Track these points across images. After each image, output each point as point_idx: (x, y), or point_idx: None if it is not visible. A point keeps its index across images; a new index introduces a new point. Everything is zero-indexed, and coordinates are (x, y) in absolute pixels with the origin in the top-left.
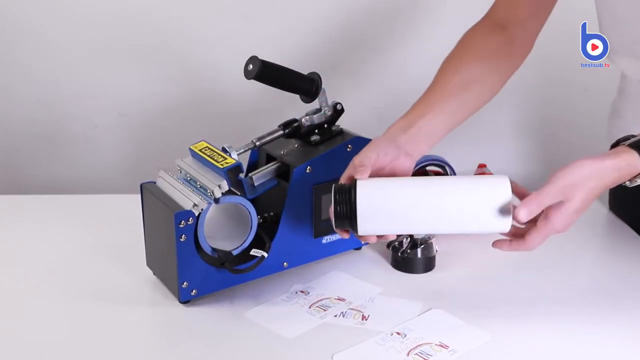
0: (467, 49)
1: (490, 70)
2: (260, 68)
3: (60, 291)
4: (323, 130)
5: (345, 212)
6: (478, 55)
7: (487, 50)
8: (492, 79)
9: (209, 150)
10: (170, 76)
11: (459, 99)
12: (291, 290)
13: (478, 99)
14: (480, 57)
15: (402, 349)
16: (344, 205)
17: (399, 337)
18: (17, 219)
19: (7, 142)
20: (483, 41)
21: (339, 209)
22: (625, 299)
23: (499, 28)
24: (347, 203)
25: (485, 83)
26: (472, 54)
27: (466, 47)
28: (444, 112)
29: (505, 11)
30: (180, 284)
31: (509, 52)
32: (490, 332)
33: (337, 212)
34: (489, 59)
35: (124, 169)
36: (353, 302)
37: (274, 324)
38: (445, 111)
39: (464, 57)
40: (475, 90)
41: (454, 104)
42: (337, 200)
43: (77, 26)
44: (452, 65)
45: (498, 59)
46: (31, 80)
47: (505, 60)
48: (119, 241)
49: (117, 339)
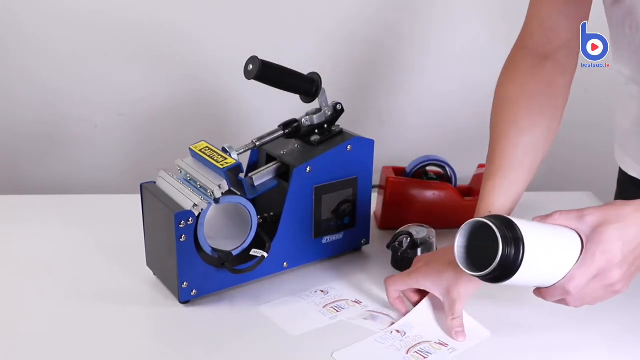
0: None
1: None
2: (260, 68)
3: (60, 291)
4: (323, 130)
5: (510, 256)
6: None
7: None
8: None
9: (209, 150)
10: (170, 76)
11: (527, 170)
12: (312, 288)
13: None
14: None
15: (402, 347)
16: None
17: (398, 335)
18: (17, 219)
19: (7, 142)
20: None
21: (508, 251)
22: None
23: (542, 59)
24: (512, 245)
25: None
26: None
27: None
28: (518, 188)
29: (545, 39)
30: (180, 284)
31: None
32: (490, 331)
33: (503, 257)
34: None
35: (124, 169)
36: (369, 306)
37: (282, 320)
38: (518, 187)
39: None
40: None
41: (523, 175)
42: (504, 238)
43: (77, 27)
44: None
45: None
46: (31, 80)
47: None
48: (119, 241)
49: (117, 339)
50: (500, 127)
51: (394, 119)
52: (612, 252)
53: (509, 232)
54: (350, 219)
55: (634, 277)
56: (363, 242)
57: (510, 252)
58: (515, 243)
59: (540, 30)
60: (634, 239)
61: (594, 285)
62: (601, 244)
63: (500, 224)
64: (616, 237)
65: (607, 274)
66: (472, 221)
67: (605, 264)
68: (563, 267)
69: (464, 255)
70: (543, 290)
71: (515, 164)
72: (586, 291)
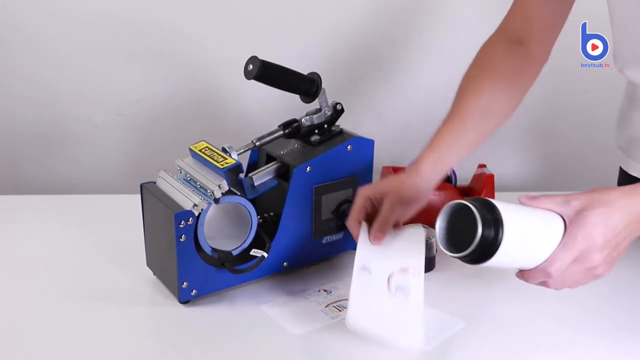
0: (486, 72)
1: (508, 97)
2: (260, 68)
3: (60, 291)
4: (323, 130)
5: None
6: (497, 80)
7: (506, 74)
8: (509, 105)
9: (209, 151)
10: (170, 76)
11: (479, 130)
12: (312, 288)
13: (494, 128)
14: (499, 83)
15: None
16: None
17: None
18: (17, 219)
19: (7, 142)
20: (502, 62)
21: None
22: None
23: (516, 43)
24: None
25: (502, 112)
26: (491, 80)
27: (485, 69)
28: (466, 143)
29: (520, 27)
30: (180, 284)
31: (528, 70)
32: (490, 331)
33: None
34: (508, 83)
35: (124, 169)
36: None
37: (284, 319)
38: (467, 142)
39: (484, 83)
40: (492, 121)
41: (474, 134)
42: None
43: (77, 27)
44: (472, 91)
45: (516, 80)
46: (31, 80)
47: (523, 80)
48: (119, 241)
49: (117, 339)
50: (462, 90)
51: (394, 119)
52: (594, 236)
53: (488, 214)
54: None
55: (616, 262)
56: None
57: (490, 233)
58: (495, 224)
59: (520, 17)
60: (617, 224)
61: (575, 269)
62: (583, 227)
63: (480, 206)
64: (599, 222)
65: (588, 257)
66: (452, 203)
67: (587, 248)
68: (544, 249)
69: (444, 237)
70: (525, 272)
71: (467, 119)
72: (567, 274)
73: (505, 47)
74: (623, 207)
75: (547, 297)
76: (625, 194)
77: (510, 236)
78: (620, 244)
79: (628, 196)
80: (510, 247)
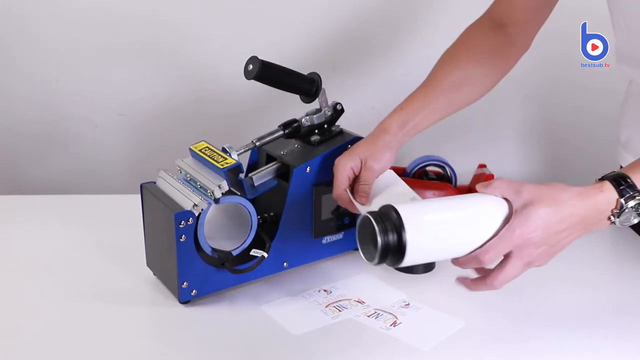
0: (466, 47)
1: (484, 73)
2: (260, 68)
3: (60, 291)
4: (323, 130)
5: (392, 243)
6: (475, 55)
7: (485, 51)
8: (485, 81)
9: (209, 151)
10: (171, 76)
11: (451, 98)
12: (312, 288)
13: (467, 99)
14: (477, 59)
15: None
16: (391, 235)
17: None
18: (17, 219)
19: (7, 142)
20: (482, 41)
21: (385, 240)
22: (627, 299)
23: (498, 26)
24: (393, 232)
25: (477, 85)
26: (469, 54)
27: (465, 45)
28: (437, 110)
29: (503, 10)
30: (180, 284)
31: (506, 53)
32: (490, 331)
33: (383, 242)
34: (485, 59)
35: (124, 169)
36: (372, 305)
37: (284, 319)
38: (437, 109)
39: (461, 56)
40: (466, 91)
41: (445, 102)
42: (382, 230)
43: (77, 26)
44: (449, 63)
45: (494, 59)
46: (31, 80)
47: (501, 61)
48: (119, 241)
49: (117, 339)
50: (439, 62)
51: None
52: (532, 234)
53: (386, 224)
54: (350, 219)
55: (553, 256)
56: None
57: (392, 239)
58: (396, 230)
59: (503, 2)
60: (559, 224)
61: (512, 263)
62: (524, 223)
63: (377, 216)
64: (540, 219)
65: (523, 250)
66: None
67: (522, 243)
68: (473, 240)
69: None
70: (459, 259)
71: (440, 87)
72: (504, 269)
73: (487, 28)
74: (569, 208)
75: (547, 297)
76: (575, 196)
77: (417, 238)
78: (560, 242)
79: (577, 198)
80: (421, 246)
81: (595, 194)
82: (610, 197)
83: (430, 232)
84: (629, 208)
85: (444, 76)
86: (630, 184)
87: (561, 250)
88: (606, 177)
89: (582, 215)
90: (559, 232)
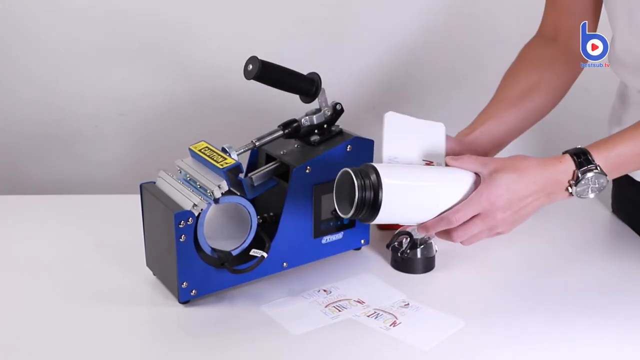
0: (525, 61)
1: (550, 77)
2: (260, 68)
3: (60, 291)
4: (323, 130)
5: (368, 199)
6: (536, 64)
7: (545, 59)
8: (554, 85)
9: (208, 151)
10: (170, 76)
11: (520, 108)
12: (312, 288)
13: (538, 108)
14: (539, 66)
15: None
16: (368, 192)
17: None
18: (17, 219)
19: (7, 142)
20: (539, 53)
21: (362, 195)
22: (627, 300)
23: (552, 41)
24: (370, 189)
25: (545, 92)
26: (531, 65)
27: (524, 59)
28: (505, 121)
29: (552, 24)
30: (180, 284)
31: (566, 61)
32: (490, 331)
33: (360, 197)
34: (547, 68)
35: (124, 169)
36: (371, 305)
37: (284, 319)
38: (505, 121)
39: (522, 67)
40: (536, 99)
41: (515, 111)
42: (360, 186)
43: (77, 27)
44: (511, 77)
45: (555, 67)
46: (31, 80)
47: (564, 68)
48: (118, 241)
49: (117, 339)
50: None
51: None
52: (497, 198)
53: (365, 181)
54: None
55: (517, 224)
56: (363, 242)
57: (368, 195)
58: (374, 189)
59: (551, 12)
60: (522, 190)
61: (477, 223)
62: (489, 187)
63: (357, 172)
64: (505, 184)
65: (489, 214)
66: (342, 171)
67: (489, 206)
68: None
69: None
70: (427, 223)
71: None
72: (469, 227)
73: (541, 44)
74: (532, 175)
75: (547, 297)
76: (536, 165)
77: (392, 199)
78: (522, 209)
79: (540, 167)
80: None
81: (554, 164)
82: (568, 167)
83: (405, 194)
84: (585, 179)
85: (509, 88)
86: (588, 158)
87: (524, 219)
88: (568, 151)
89: (542, 183)
90: (523, 198)
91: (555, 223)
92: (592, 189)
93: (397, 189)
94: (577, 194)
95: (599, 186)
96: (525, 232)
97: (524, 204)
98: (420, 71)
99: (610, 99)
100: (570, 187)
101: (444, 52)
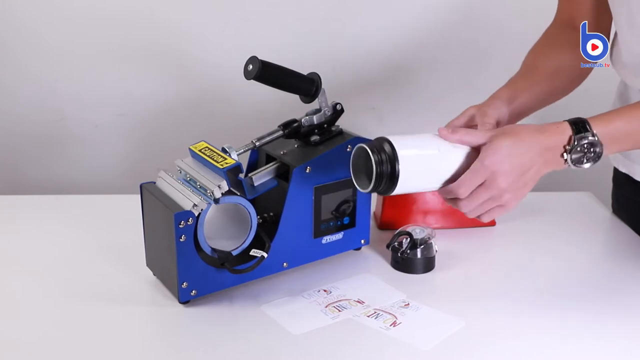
0: (549, 43)
1: (573, 63)
2: (260, 68)
3: (60, 291)
4: (323, 131)
5: (386, 172)
6: (561, 47)
7: (567, 43)
8: (575, 71)
9: (208, 151)
10: (170, 76)
11: (551, 85)
12: (312, 288)
13: (564, 88)
14: (563, 50)
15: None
16: (385, 165)
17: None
18: (17, 219)
19: (7, 142)
20: (562, 38)
21: (380, 169)
22: (627, 300)
23: (571, 28)
24: (387, 163)
25: (572, 71)
26: (555, 47)
27: (547, 42)
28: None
29: (568, 13)
30: (180, 285)
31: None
32: (490, 331)
33: (378, 172)
34: (569, 51)
35: (124, 169)
36: (371, 305)
37: (284, 319)
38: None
39: (552, 46)
40: (563, 78)
41: (546, 88)
42: (378, 161)
43: (77, 27)
44: (542, 53)
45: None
46: (31, 80)
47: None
48: (118, 241)
49: (117, 339)
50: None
51: (394, 119)
52: (500, 161)
53: (381, 154)
54: (350, 219)
55: (521, 195)
56: (363, 242)
57: (386, 169)
58: (390, 162)
59: (565, 5)
60: (522, 153)
61: (482, 193)
62: (491, 152)
63: (373, 147)
64: (505, 148)
65: (494, 180)
66: (357, 147)
67: (493, 171)
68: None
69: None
70: (439, 191)
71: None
72: (475, 197)
73: (561, 29)
74: (528, 139)
75: (547, 297)
76: (534, 130)
77: (408, 169)
78: (525, 173)
79: (536, 132)
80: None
81: (551, 128)
82: (565, 133)
83: (420, 162)
84: (580, 146)
85: (541, 62)
86: (585, 126)
87: (528, 190)
88: (567, 120)
89: (540, 147)
90: (523, 163)
91: (556, 223)
92: (587, 158)
93: (412, 159)
94: (572, 161)
95: (594, 155)
96: (526, 232)
97: (525, 168)
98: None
99: (610, 99)
100: (565, 152)
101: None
